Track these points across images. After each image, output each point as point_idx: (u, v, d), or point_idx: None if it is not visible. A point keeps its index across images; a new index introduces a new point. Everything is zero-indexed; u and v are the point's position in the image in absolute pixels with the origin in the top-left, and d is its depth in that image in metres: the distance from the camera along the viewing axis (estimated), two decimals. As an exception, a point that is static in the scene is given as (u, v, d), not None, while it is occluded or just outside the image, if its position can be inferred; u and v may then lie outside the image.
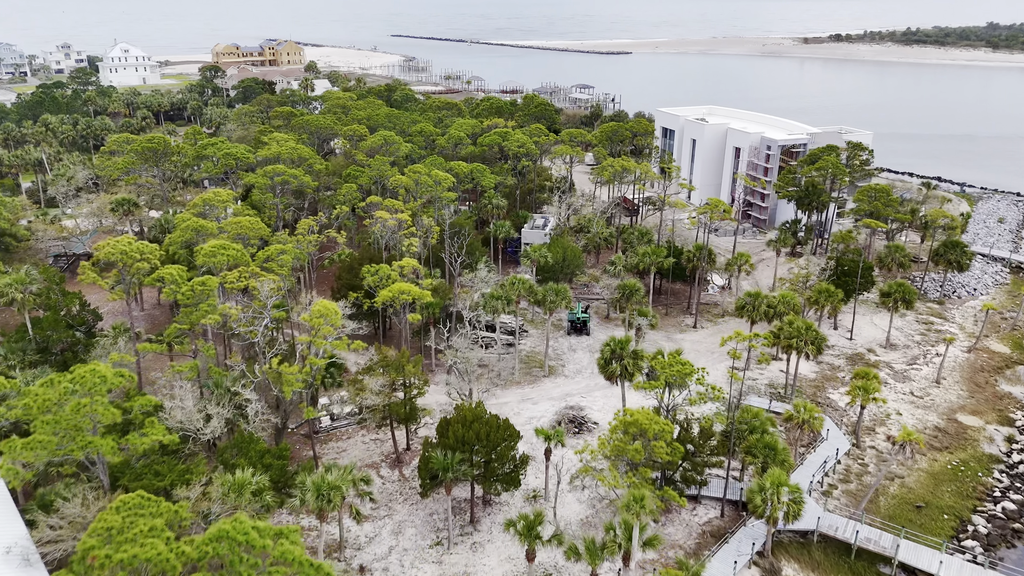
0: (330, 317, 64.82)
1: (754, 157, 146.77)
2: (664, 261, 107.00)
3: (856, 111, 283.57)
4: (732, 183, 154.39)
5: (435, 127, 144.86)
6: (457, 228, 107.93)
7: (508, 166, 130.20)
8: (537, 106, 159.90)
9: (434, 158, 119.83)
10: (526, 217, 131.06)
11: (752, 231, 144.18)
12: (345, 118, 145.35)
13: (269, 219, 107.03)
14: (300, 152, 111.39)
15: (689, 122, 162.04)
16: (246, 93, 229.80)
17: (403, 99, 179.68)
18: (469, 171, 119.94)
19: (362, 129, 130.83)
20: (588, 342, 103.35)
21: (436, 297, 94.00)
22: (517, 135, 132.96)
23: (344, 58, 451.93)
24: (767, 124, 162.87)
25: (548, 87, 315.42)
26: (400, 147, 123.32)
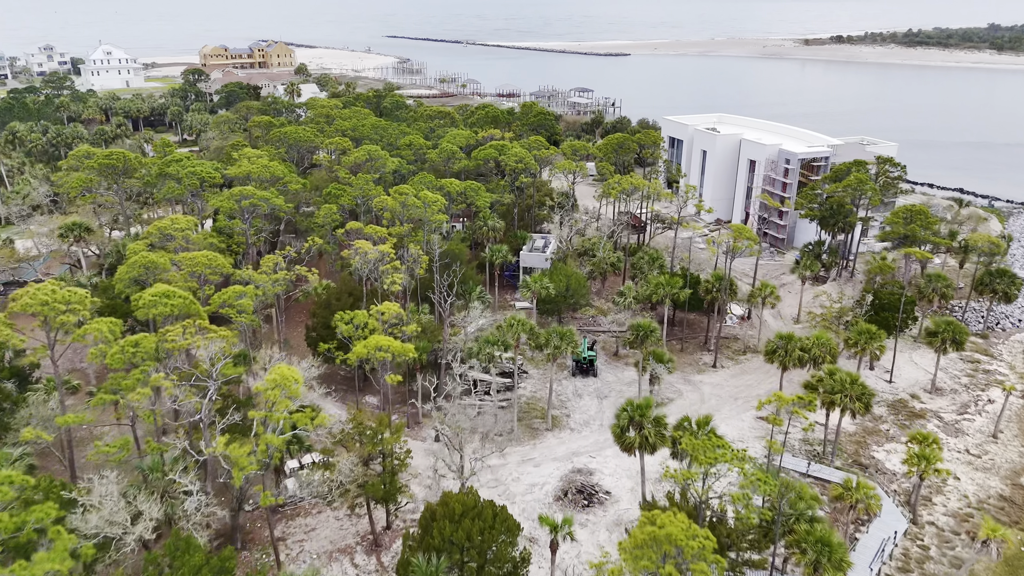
0: (288, 387, 52.79)
1: (771, 171, 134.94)
2: (680, 293, 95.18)
3: (864, 116, 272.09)
4: (746, 198, 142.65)
5: (426, 139, 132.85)
6: (448, 256, 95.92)
7: (505, 183, 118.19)
8: (536, 115, 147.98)
9: (423, 175, 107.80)
10: (525, 238, 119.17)
11: (770, 252, 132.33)
12: (329, 128, 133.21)
13: (238, 246, 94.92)
14: (273, 170, 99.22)
15: (699, 132, 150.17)
16: (229, 98, 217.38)
17: (393, 106, 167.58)
18: (462, 189, 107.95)
19: (345, 142, 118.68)
20: (596, 385, 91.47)
21: (424, 338, 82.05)
22: (515, 149, 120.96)
23: (337, 60, 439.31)
24: (783, 135, 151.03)
25: (546, 91, 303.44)
26: (386, 163, 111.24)
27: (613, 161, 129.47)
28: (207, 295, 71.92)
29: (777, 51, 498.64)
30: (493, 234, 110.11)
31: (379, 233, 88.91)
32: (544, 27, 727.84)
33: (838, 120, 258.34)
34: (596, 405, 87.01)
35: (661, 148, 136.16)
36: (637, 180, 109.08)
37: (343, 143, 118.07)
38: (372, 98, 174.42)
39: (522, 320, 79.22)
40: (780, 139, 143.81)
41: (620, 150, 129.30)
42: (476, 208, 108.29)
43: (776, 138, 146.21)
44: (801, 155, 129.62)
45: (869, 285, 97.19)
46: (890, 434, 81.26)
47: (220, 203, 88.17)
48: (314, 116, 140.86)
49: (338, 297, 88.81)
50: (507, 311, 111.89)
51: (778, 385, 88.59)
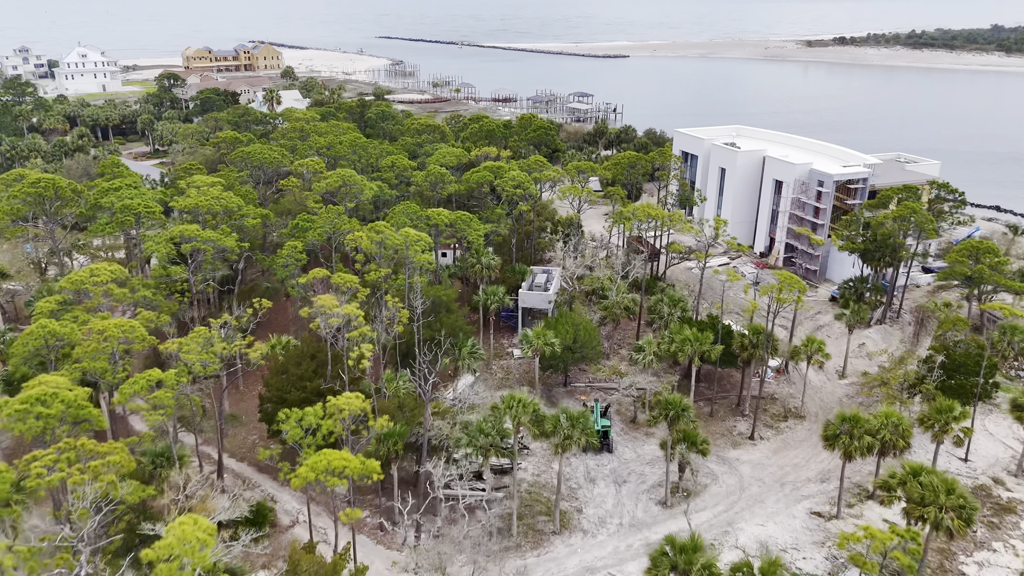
0: (195, 555, 36.48)
1: (801, 193, 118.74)
2: (711, 351, 78.97)
3: (878, 124, 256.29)
4: (771, 222, 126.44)
5: (413, 157, 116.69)
6: (431, 312, 79.62)
7: (501, 209, 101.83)
8: (536, 130, 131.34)
9: (407, 205, 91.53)
10: (524, 273, 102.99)
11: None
12: (302, 145, 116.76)
13: (183, 295, 78.37)
14: (227, 202, 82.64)
15: (717, 147, 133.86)
16: (204, 105, 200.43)
17: (378, 117, 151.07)
18: (452, 220, 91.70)
19: (318, 164, 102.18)
20: (612, 465, 75.33)
21: (401, 418, 65.80)
22: (512, 171, 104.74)
23: (327, 62, 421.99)
24: (811, 151, 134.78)
25: (544, 95, 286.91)
26: (364, 189, 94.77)
27: (624, 182, 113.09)
28: (121, 380, 55.39)
29: (780, 53, 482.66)
30: (488, 272, 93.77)
31: (349, 282, 72.50)
32: (541, 28, 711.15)
33: (854, 129, 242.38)
34: (614, 495, 70.83)
35: (676, 166, 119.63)
36: (656, 211, 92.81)
37: (315, 165, 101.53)
38: (356, 108, 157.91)
39: (523, 400, 62.84)
40: (809, 156, 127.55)
41: (632, 170, 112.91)
42: (468, 243, 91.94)
43: (804, 155, 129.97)
44: (837, 176, 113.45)
45: (939, 344, 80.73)
46: (979, 539, 65.22)
47: (155, 246, 71.66)
48: (290, 129, 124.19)
49: (298, 361, 72.51)
50: (503, 359, 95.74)
51: (830, 464, 72.75)
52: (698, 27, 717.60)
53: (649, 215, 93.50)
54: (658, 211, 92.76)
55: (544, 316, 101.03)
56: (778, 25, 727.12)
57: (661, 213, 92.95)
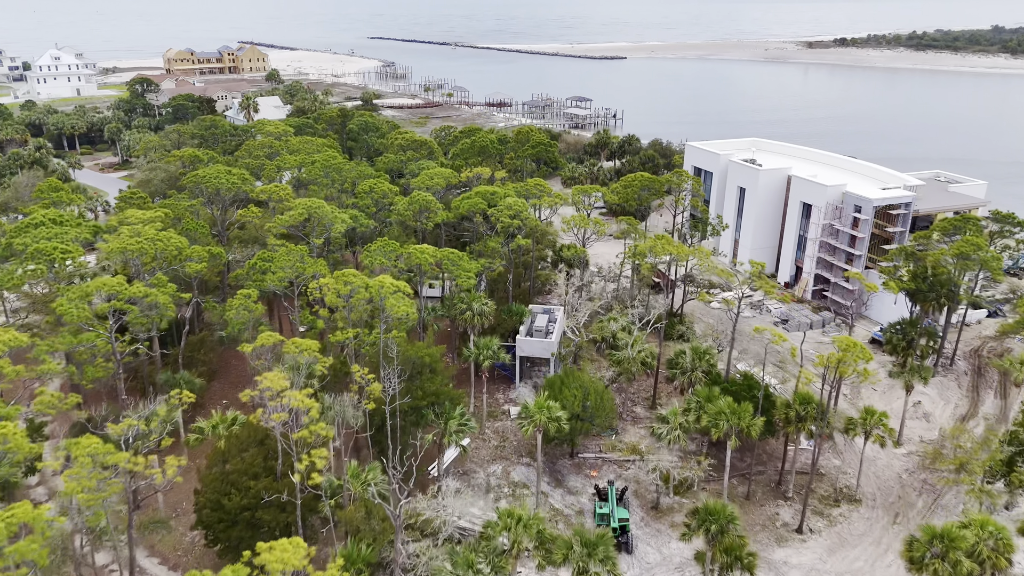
0: None
1: (834, 219, 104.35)
2: (751, 425, 64.49)
3: (895, 131, 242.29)
4: (798, 249, 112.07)
5: (399, 177, 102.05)
6: (412, 374, 65.05)
7: (496, 242, 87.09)
8: (535, 146, 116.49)
9: (384, 242, 76.74)
10: (522, 314, 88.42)
11: (834, 324, 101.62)
12: (270, 165, 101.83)
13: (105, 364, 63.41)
14: (165, 244, 67.70)
15: (736, 165, 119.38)
16: (177, 113, 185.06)
17: (360, 129, 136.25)
18: (439, 259, 77.12)
19: (283, 190, 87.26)
20: (633, 573, 60.76)
21: (368, 533, 51.23)
22: (508, 197, 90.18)
23: (317, 63, 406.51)
24: (838, 167, 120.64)
25: (540, 100, 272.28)
26: (335, 221, 79.97)
27: (635, 209, 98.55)
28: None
29: (780, 55, 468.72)
30: (480, 320, 79.10)
31: (308, 350, 57.80)
32: (536, 28, 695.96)
33: (871, 139, 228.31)
34: (636, 617, 56.36)
35: (692, 188, 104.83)
36: (679, 248, 78.15)
37: (279, 191, 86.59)
38: (336, 118, 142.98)
39: (523, 518, 48.26)
40: (839, 176, 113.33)
41: (645, 197, 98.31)
42: (458, 287, 77.21)
43: (832, 173, 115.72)
44: (876, 201, 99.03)
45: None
46: None
47: (65, 309, 56.73)
48: (254, 147, 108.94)
49: (243, 447, 57.71)
50: (498, 420, 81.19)
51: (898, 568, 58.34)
52: (694, 27, 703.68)
53: (670, 252, 78.85)
54: (680, 248, 78.03)
55: (546, 364, 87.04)
56: (776, 26, 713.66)
57: (683, 251, 78.25)
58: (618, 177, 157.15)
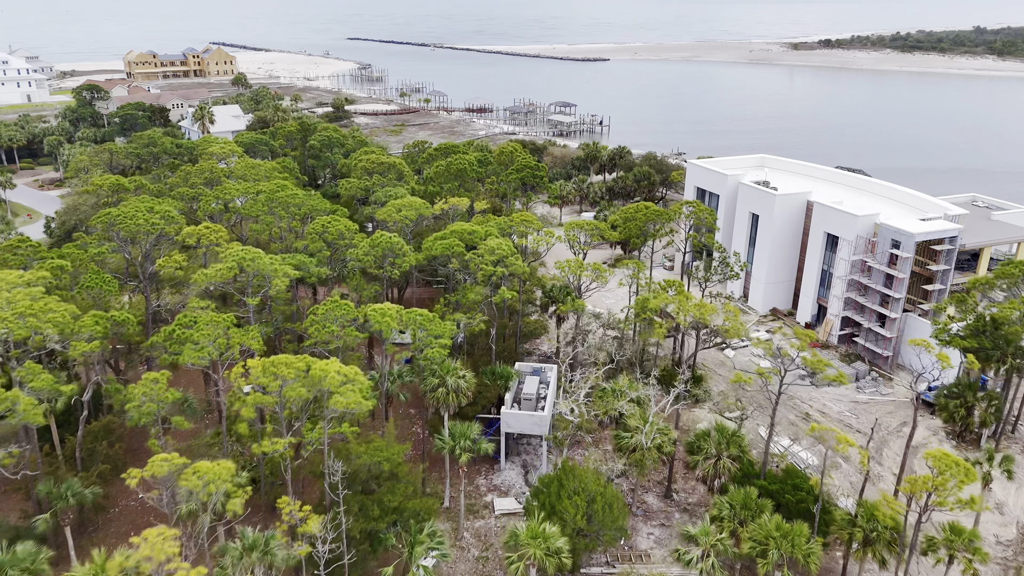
0: None
1: (865, 254, 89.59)
2: (808, 555, 49.23)
3: (893, 138, 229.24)
4: (820, 285, 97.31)
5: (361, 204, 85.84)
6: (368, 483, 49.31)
7: (477, 293, 71.24)
8: (520, 169, 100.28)
9: (337, 304, 60.71)
10: (507, 378, 72.77)
11: (871, 379, 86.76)
12: (208, 194, 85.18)
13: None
14: (39, 320, 51.17)
15: (747, 188, 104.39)
16: (125, 123, 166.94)
17: (322, 145, 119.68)
18: (404, 325, 61.31)
19: (215, 232, 70.66)
20: None
21: None
22: (491, 236, 74.55)
23: (289, 66, 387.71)
24: (864, 191, 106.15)
25: (523, 105, 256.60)
26: (275, 274, 63.78)
27: (639, 246, 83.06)
28: None
29: (765, 56, 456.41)
30: (457, 398, 63.30)
31: (215, 480, 41.84)
32: (516, 29, 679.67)
33: (876, 150, 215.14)
34: None
35: (707, 221, 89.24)
36: (702, 306, 62.66)
37: (212, 234, 69.98)
38: (296, 133, 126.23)
39: None
40: (867, 201, 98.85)
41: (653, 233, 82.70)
42: (427, 358, 61.24)
43: (858, 198, 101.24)
44: (919, 235, 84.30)
45: None
46: None
47: None
48: (191, 173, 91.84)
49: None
50: (479, 517, 65.46)
51: None
52: (676, 28, 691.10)
53: (688, 310, 63.32)
54: (704, 307, 62.52)
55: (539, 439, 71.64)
56: (758, 27, 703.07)
57: (707, 308, 62.77)
58: (610, 195, 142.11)
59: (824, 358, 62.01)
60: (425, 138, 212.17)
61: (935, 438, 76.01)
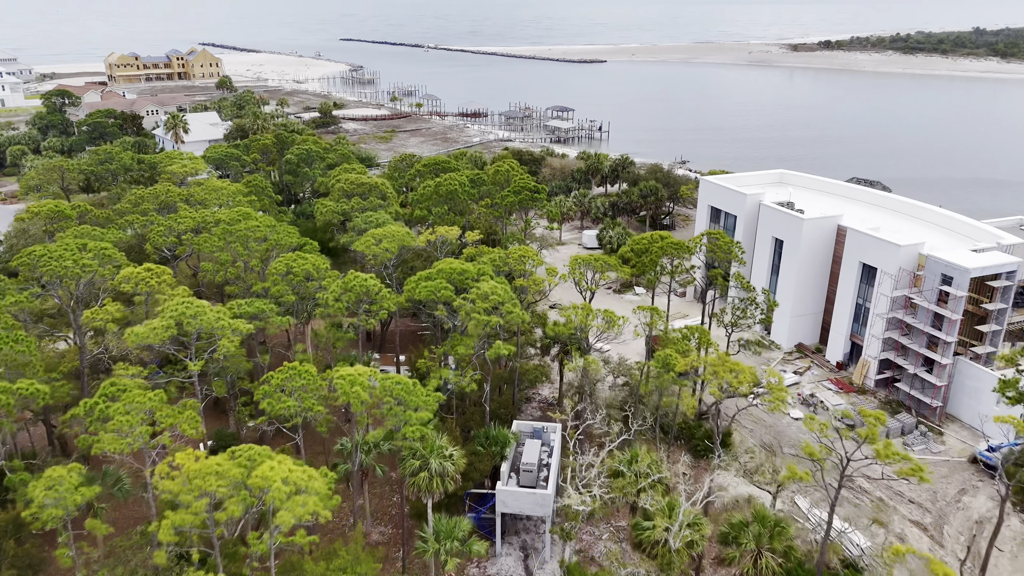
0: None
1: (909, 289, 78.49)
2: None
3: (903, 144, 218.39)
4: (855, 321, 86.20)
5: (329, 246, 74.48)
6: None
7: (469, 344, 59.91)
8: (518, 192, 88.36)
9: (293, 370, 49.31)
10: (503, 443, 61.64)
11: (919, 434, 75.55)
12: (159, 224, 73.52)
13: None
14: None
15: (771, 211, 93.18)
16: (94, 132, 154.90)
17: (300, 159, 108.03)
18: (380, 393, 50.00)
19: (158, 275, 59.14)
20: None
21: None
22: (484, 276, 63.34)
23: (279, 68, 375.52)
24: (899, 213, 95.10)
25: (518, 110, 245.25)
26: (223, 332, 52.34)
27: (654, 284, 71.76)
28: None
29: (765, 58, 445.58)
30: (442, 483, 51.94)
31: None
32: (511, 30, 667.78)
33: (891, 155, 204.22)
34: None
35: (733, 254, 77.72)
36: (746, 375, 51.26)
37: (149, 278, 58.39)
38: (273, 146, 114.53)
39: None
40: (904, 225, 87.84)
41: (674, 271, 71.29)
42: (404, 437, 49.85)
43: (895, 221, 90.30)
44: (974, 270, 73.25)
45: None
46: None
47: None
48: (141, 197, 79.95)
49: None
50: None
51: None
52: (672, 29, 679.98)
53: (722, 374, 51.98)
54: (745, 375, 51.10)
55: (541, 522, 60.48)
56: (754, 27, 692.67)
57: (747, 376, 51.43)
58: (614, 211, 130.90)
59: (867, 410, 50.81)
60: (416, 145, 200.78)
61: (999, 506, 64.95)
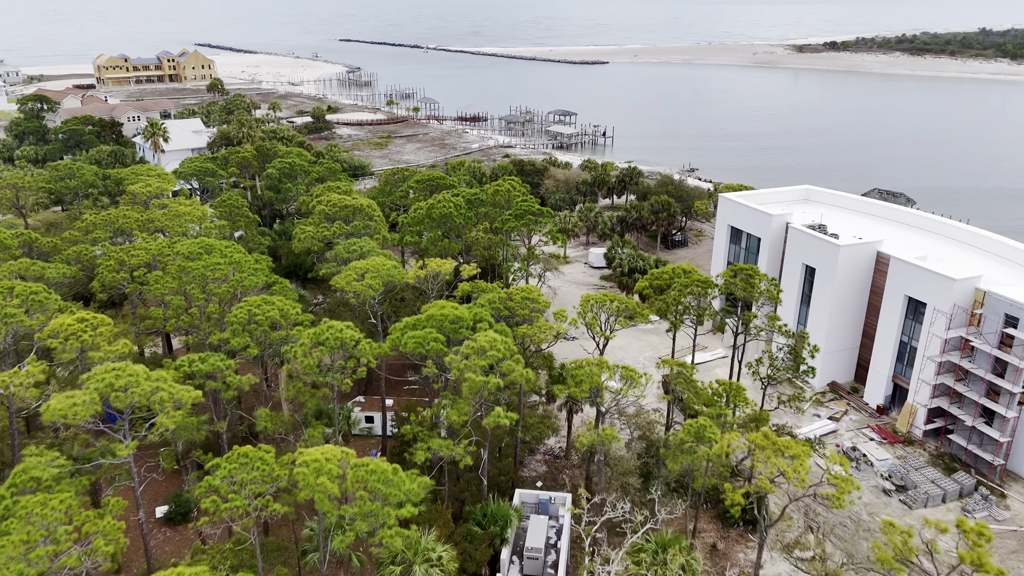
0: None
1: (966, 328, 68.60)
2: None
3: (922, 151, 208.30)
4: (896, 359, 76.33)
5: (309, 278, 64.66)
6: None
7: (463, 410, 50.07)
8: (520, 215, 78.31)
9: (247, 458, 39.46)
10: (504, 520, 52.00)
11: (980, 497, 65.58)
12: (109, 257, 63.55)
13: None
14: None
15: (801, 235, 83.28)
16: (70, 140, 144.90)
17: (282, 173, 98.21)
18: (353, 484, 40.11)
19: (95, 325, 49.30)
20: None
21: None
22: (481, 324, 53.63)
23: (275, 69, 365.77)
24: (944, 237, 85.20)
25: (519, 114, 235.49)
26: (162, 405, 42.43)
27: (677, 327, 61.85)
28: None
29: (770, 59, 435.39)
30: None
31: None
32: (511, 30, 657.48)
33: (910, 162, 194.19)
34: None
35: (769, 293, 67.55)
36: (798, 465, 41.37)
37: (84, 331, 48.53)
38: (254, 159, 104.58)
39: None
40: (947, 249, 77.99)
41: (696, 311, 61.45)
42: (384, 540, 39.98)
43: (938, 246, 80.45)
44: (1045, 312, 63.40)
45: None
46: None
47: None
48: (95, 224, 69.92)
49: None
50: None
51: None
52: (674, 30, 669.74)
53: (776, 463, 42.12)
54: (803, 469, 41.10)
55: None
56: (757, 28, 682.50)
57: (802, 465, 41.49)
58: (622, 227, 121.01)
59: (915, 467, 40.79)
60: (413, 152, 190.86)
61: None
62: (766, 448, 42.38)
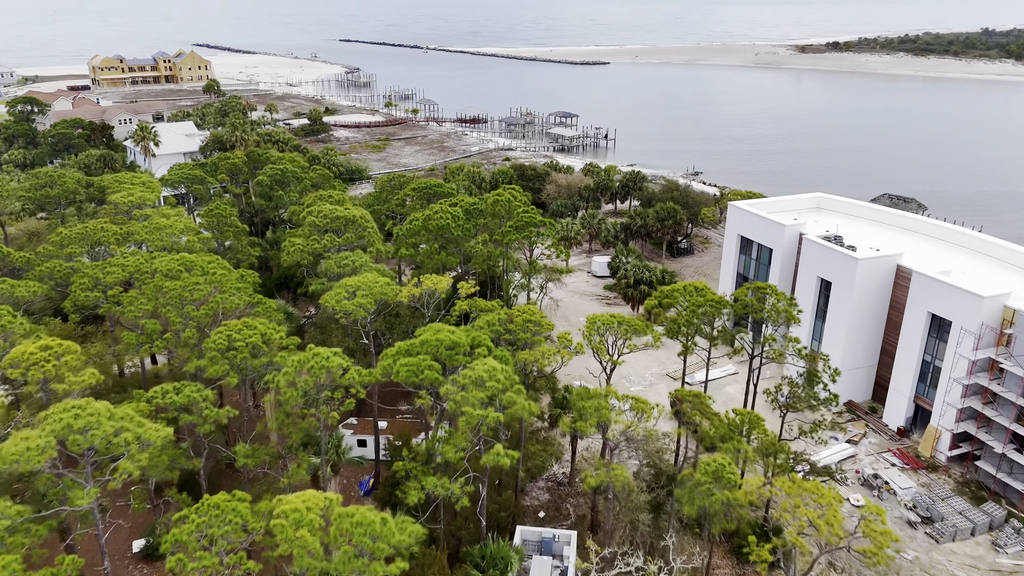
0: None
1: (995, 349, 64.42)
2: None
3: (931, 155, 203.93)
4: (918, 379, 72.17)
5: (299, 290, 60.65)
6: None
7: (460, 446, 45.91)
8: (522, 227, 74.09)
9: (218, 509, 35.27)
10: (504, 562, 47.92)
11: (1012, 531, 61.35)
12: (83, 274, 59.46)
13: None
14: None
15: (816, 246, 79.09)
16: (58, 144, 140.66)
17: (274, 181, 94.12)
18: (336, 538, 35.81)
19: (56, 356, 45.30)
20: None
21: None
22: (480, 350, 49.56)
23: (273, 69, 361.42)
24: (965, 248, 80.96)
25: (519, 116, 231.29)
26: (127, 446, 38.22)
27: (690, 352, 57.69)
28: None
29: (772, 60, 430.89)
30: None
31: None
32: (512, 31, 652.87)
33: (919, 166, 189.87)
34: None
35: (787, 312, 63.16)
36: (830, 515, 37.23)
37: (45, 360, 44.50)
38: (243, 166, 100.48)
39: None
40: (969, 261, 73.80)
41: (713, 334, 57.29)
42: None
43: (960, 257, 76.27)
44: (1082, 333, 59.24)
45: None
46: None
47: None
48: (71, 239, 65.76)
49: None
50: None
51: None
52: (675, 30, 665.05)
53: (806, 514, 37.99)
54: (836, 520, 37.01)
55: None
56: (759, 28, 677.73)
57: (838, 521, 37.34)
58: (626, 235, 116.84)
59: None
60: (412, 154, 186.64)
61: None
62: (793, 494, 38.17)
